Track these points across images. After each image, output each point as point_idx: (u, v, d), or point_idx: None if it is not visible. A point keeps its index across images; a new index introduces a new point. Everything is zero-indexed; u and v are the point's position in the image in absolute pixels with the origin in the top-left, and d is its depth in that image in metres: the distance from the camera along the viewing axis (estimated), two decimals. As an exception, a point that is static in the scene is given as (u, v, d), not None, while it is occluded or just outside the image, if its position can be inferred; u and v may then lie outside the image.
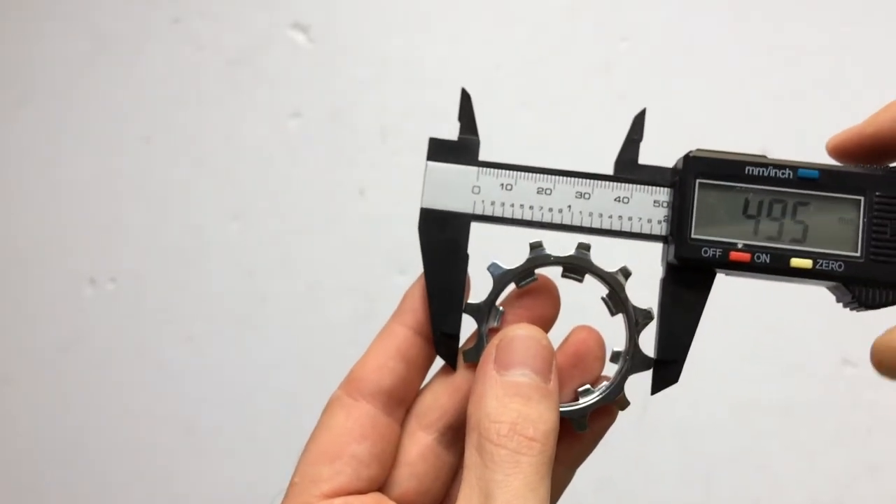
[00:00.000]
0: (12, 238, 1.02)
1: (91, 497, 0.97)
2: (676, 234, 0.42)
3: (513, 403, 0.37)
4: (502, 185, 0.44)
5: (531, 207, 0.43)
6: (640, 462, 0.92)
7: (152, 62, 1.03)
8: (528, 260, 0.43)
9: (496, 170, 0.44)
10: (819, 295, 0.44)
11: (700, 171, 0.42)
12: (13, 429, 0.99)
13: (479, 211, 0.43)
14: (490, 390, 0.38)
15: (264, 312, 0.97)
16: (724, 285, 0.43)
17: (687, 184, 0.42)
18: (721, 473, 0.91)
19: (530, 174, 0.44)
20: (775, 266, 0.42)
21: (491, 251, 0.43)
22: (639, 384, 0.44)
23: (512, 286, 0.44)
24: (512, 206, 0.43)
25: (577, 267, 0.43)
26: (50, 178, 1.02)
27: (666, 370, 0.43)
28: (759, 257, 0.42)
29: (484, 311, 0.43)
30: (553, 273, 0.45)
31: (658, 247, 0.44)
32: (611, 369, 0.44)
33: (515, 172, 0.44)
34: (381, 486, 0.42)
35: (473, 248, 0.43)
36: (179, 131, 1.02)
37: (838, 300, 0.44)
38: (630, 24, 0.99)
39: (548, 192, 0.43)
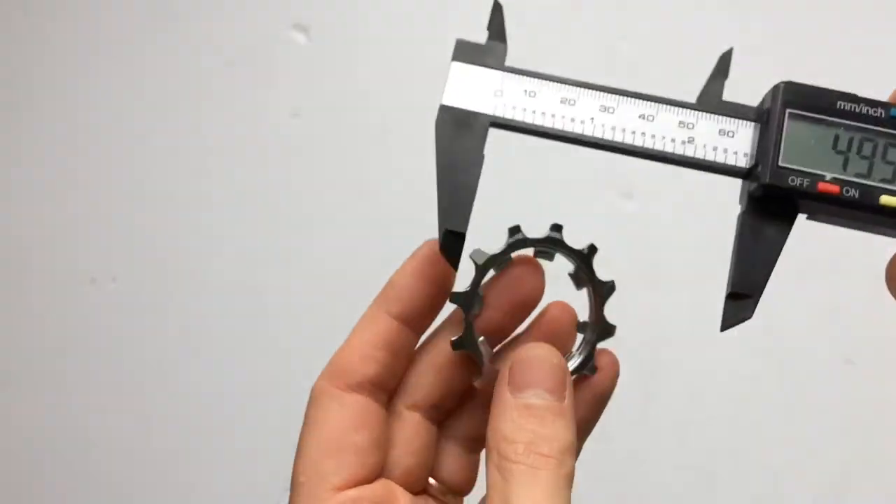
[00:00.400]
0: (12, 238, 1.02)
1: (91, 497, 0.97)
2: (763, 161, 0.41)
3: (528, 425, 0.38)
4: (526, 91, 0.43)
5: (553, 115, 0.43)
6: (640, 457, 0.92)
7: (152, 62, 1.03)
8: (508, 244, 0.43)
9: (521, 76, 0.44)
10: (820, 294, 0.44)
11: (791, 101, 0.41)
12: (13, 429, 0.99)
13: (499, 114, 0.43)
14: (506, 413, 0.39)
15: (264, 312, 0.97)
16: (724, 283, 0.42)
17: (776, 113, 0.41)
18: (721, 470, 0.91)
19: (555, 83, 0.44)
20: (864, 202, 0.40)
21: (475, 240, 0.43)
22: (636, 379, 0.44)
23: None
24: (534, 112, 0.43)
25: (549, 247, 0.44)
26: (50, 178, 1.02)
27: (740, 305, 0.41)
28: (847, 191, 0.40)
29: (469, 299, 0.43)
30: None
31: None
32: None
33: (540, 80, 0.43)
34: (383, 470, 0.43)
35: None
36: (179, 131, 1.02)
37: None
38: (630, 24, 0.99)
39: (571, 102, 0.43)
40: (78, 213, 1.01)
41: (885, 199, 0.40)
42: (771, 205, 0.41)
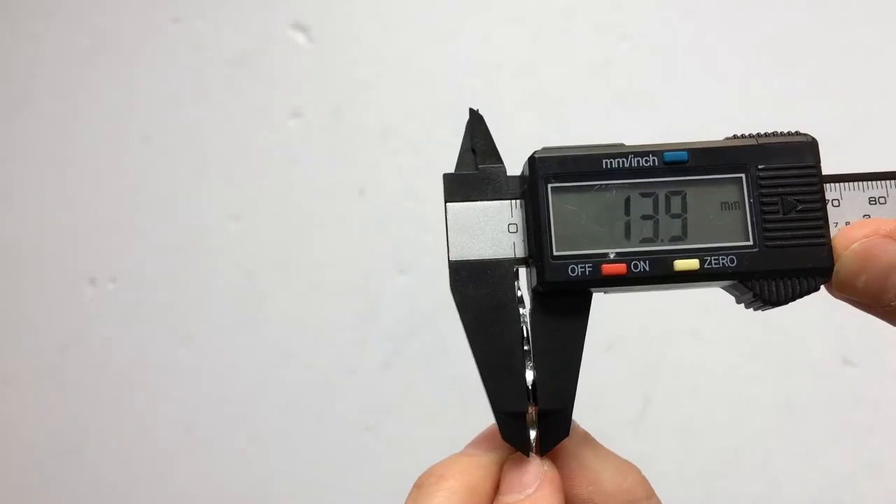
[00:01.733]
0: (13, 238, 1.02)
1: (91, 497, 0.97)
2: (536, 254, 0.34)
3: None
4: None
5: None
6: (639, 459, 0.91)
7: (152, 62, 1.03)
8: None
9: None
10: (819, 295, 0.43)
11: (551, 174, 0.35)
12: (13, 429, 0.99)
13: (521, 253, 0.35)
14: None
15: (264, 312, 0.97)
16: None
17: (538, 191, 0.34)
18: (721, 472, 0.91)
19: None
20: (657, 273, 0.34)
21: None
22: (636, 380, 0.43)
23: None
24: None
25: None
26: (50, 178, 1.02)
27: (553, 422, 0.35)
28: (636, 266, 0.34)
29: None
30: None
31: None
32: None
33: None
34: None
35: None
36: (179, 131, 1.02)
37: (738, 301, 0.37)
38: (630, 24, 1.00)
39: None
40: (77, 214, 1.01)
41: (681, 265, 0.34)
42: (559, 297, 0.35)
